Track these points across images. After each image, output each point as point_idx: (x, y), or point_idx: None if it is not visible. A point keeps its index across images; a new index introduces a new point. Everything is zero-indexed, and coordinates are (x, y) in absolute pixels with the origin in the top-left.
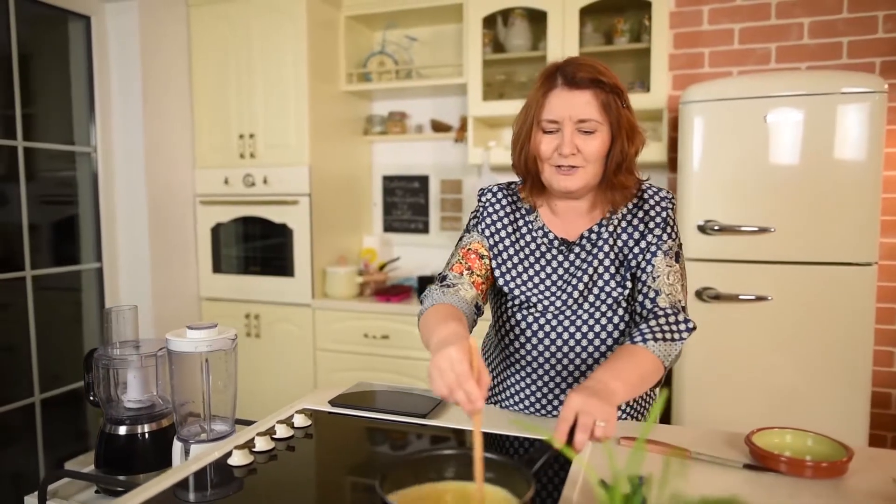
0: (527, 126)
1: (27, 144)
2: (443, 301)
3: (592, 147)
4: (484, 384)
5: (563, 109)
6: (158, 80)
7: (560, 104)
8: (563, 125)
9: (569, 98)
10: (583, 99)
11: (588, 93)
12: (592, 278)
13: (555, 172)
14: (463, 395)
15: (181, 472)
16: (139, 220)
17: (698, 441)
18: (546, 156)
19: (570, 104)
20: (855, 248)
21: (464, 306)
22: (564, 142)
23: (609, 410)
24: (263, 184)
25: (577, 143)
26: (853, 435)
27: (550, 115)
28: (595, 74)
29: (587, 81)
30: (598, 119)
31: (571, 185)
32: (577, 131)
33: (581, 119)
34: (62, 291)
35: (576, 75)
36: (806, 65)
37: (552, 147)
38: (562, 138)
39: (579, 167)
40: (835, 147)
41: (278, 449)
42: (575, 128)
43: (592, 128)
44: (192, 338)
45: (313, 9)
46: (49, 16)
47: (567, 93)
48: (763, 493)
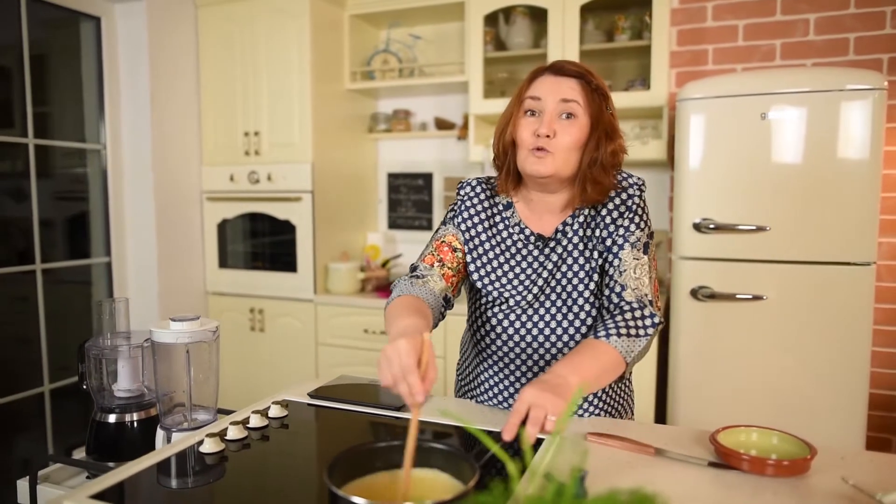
0: (508, 112)
1: (38, 142)
2: (410, 293)
3: (569, 133)
4: (429, 379)
5: (548, 88)
6: (166, 78)
7: (546, 85)
8: (545, 104)
9: (554, 81)
10: (568, 84)
11: (574, 80)
12: (562, 270)
13: (529, 155)
14: (405, 387)
15: (152, 459)
16: (147, 216)
17: (667, 439)
18: (523, 139)
19: (556, 85)
20: (853, 247)
21: (430, 298)
22: (543, 122)
23: (562, 404)
24: (268, 181)
25: (556, 128)
26: (850, 436)
27: (535, 92)
28: (582, 71)
29: (574, 72)
30: (580, 102)
31: (543, 170)
32: (558, 117)
33: (564, 98)
34: (74, 285)
35: (564, 67)
36: (811, 62)
37: (531, 130)
38: (541, 121)
39: (551, 152)
40: (833, 145)
41: (252, 438)
42: (557, 109)
43: (574, 110)
44: (174, 329)
45: (317, 9)
46: (62, 17)
47: (553, 77)
48: (726, 491)
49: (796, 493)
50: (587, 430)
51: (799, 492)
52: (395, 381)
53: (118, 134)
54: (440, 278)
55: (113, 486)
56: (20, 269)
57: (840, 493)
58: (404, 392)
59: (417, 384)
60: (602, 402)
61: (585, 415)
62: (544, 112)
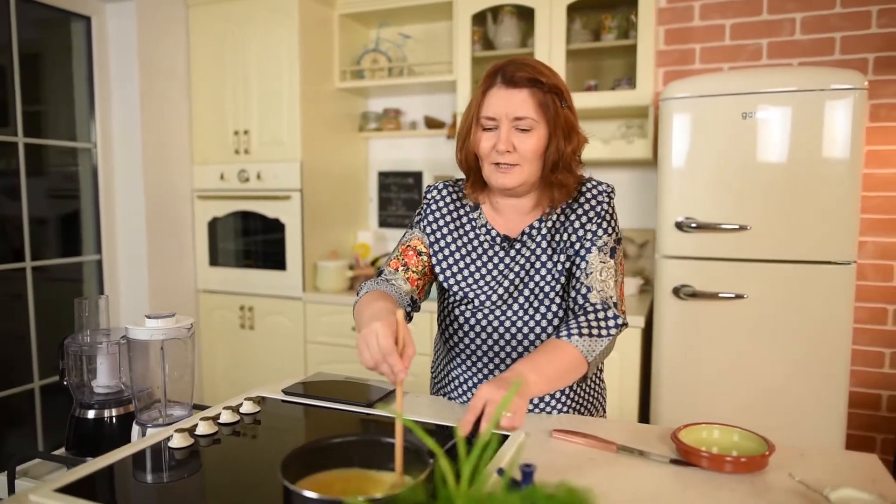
0: (468, 123)
1: (28, 140)
2: (376, 289)
3: (528, 145)
4: (407, 356)
5: (501, 107)
6: (157, 77)
7: (498, 102)
8: (500, 122)
9: (506, 96)
10: (520, 97)
11: (525, 91)
12: (530, 273)
13: (493, 170)
14: (387, 367)
15: (120, 454)
16: (137, 214)
17: (631, 436)
18: (485, 153)
19: (508, 102)
20: (834, 246)
21: (397, 294)
22: (501, 139)
23: (518, 401)
24: (257, 179)
25: (514, 142)
26: (831, 433)
27: (488, 113)
28: (534, 74)
29: (525, 81)
30: (533, 117)
31: (508, 183)
32: (514, 129)
33: (517, 116)
34: (66, 282)
35: (514, 75)
36: (798, 61)
37: (490, 144)
38: (499, 136)
39: (516, 165)
40: (814, 145)
41: (223, 433)
42: (511, 125)
43: (528, 126)
44: (149, 326)
45: (306, 8)
46: (55, 17)
47: (505, 91)
48: (685, 488)
49: (752, 489)
50: (553, 427)
51: (755, 488)
52: (377, 363)
53: (109, 132)
54: (405, 282)
55: (79, 480)
56: (10, 266)
57: (794, 490)
58: (386, 372)
59: (398, 363)
60: (571, 401)
61: (554, 412)
62: (500, 128)
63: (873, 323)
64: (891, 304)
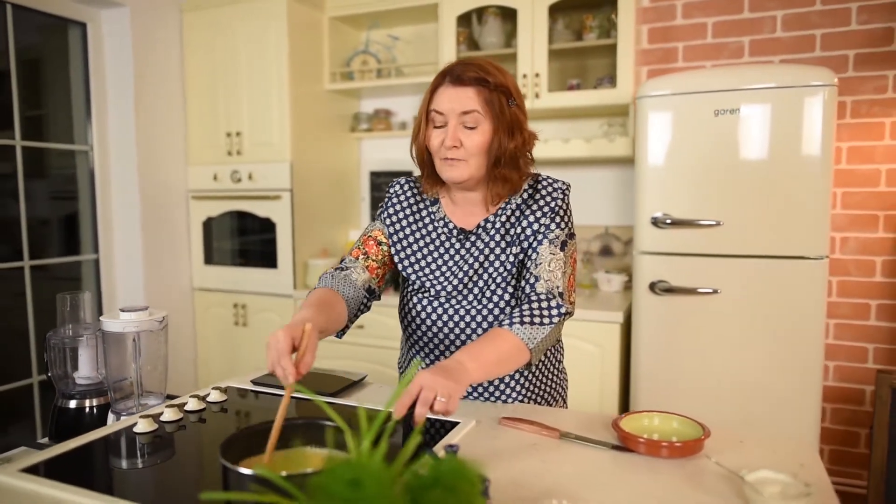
0: (419, 121)
1: (25, 143)
2: (327, 286)
3: (473, 141)
4: (303, 363)
5: (448, 103)
6: (151, 81)
7: (445, 99)
8: (448, 118)
9: (454, 93)
10: (466, 94)
11: (471, 89)
12: (483, 265)
13: (443, 164)
14: (280, 370)
15: (86, 438)
16: (133, 215)
17: (579, 424)
18: (435, 149)
19: (454, 98)
20: (806, 241)
21: (349, 290)
22: (448, 135)
23: (453, 387)
24: (249, 180)
25: (461, 137)
26: (804, 427)
27: (437, 107)
28: (480, 74)
29: (472, 80)
30: (479, 111)
31: (456, 176)
32: (462, 126)
33: (463, 111)
34: (65, 281)
35: (462, 74)
36: (779, 58)
37: (440, 140)
38: (447, 132)
39: (462, 160)
40: (785, 141)
41: (189, 420)
42: (459, 121)
43: (474, 121)
44: (123, 319)
45: (295, 12)
46: (53, 23)
47: (452, 89)
48: (623, 471)
49: (683, 471)
50: (503, 415)
51: (686, 471)
52: (273, 364)
53: (105, 135)
54: (364, 269)
55: (45, 461)
56: (9, 265)
57: (721, 473)
58: (280, 374)
59: (289, 367)
60: (527, 391)
61: (510, 401)
62: (448, 124)
63: (856, 318)
64: (873, 300)
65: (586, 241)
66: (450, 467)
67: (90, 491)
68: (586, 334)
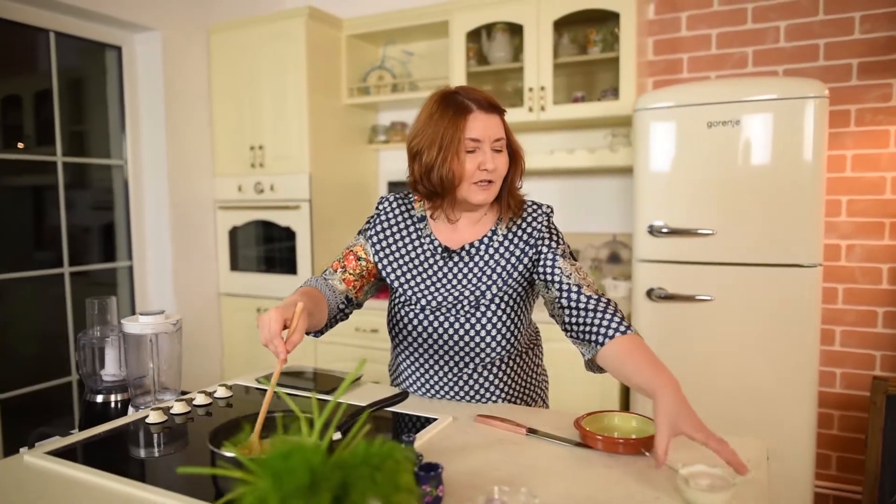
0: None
1: (66, 159)
2: (310, 285)
3: (502, 163)
4: (290, 342)
5: (484, 130)
6: (180, 99)
7: (481, 125)
8: (482, 143)
9: (486, 120)
10: (494, 121)
11: (496, 116)
12: (463, 283)
13: (476, 188)
14: (273, 347)
15: (105, 427)
16: (163, 224)
17: (548, 422)
18: (469, 173)
19: (488, 125)
20: (800, 249)
21: (329, 293)
22: (486, 158)
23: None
24: (271, 190)
25: (494, 162)
26: (801, 432)
27: (474, 135)
28: (496, 103)
29: (494, 107)
30: (504, 138)
31: (489, 198)
32: (492, 151)
33: (497, 138)
34: (104, 286)
35: (488, 101)
36: (783, 68)
37: (475, 165)
38: (483, 156)
39: (494, 182)
40: (778, 151)
41: (196, 413)
42: (491, 146)
43: (501, 147)
44: (141, 322)
45: (313, 32)
46: (92, 47)
47: (484, 115)
48: (576, 465)
49: (635, 466)
50: (479, 413)
51: (637, 466)
52: (266, 342)
53: (138, 150)
54: (340, 282)
55: (67, 446)
56: (50, 272)
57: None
58: (272, 350)
59: (280, 346)
60: (506, 392)
61: (490, 401)
62: (485, 151)
63: (863, 326)
64: (880, 307)
65: (594, 248)
66: (378, 449)
67: (99, 471)
68: None
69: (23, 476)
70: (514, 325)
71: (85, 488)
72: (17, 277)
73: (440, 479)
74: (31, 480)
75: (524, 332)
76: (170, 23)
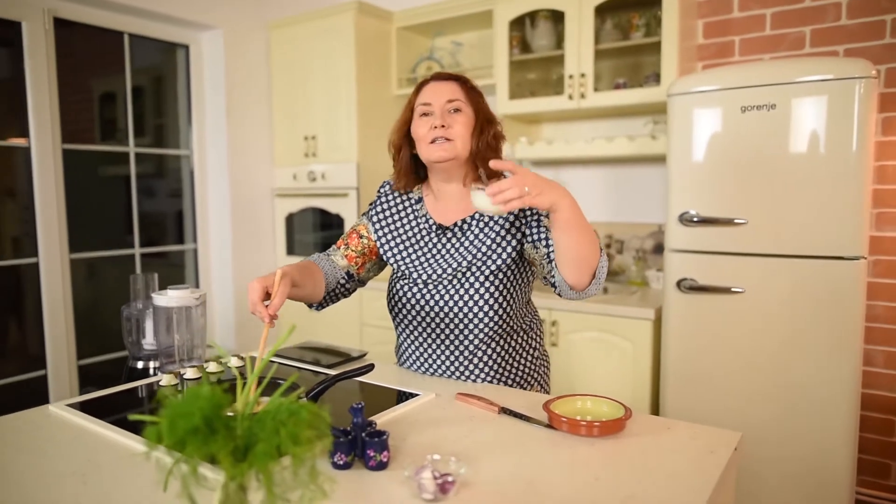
0: (404, 117)
1: (138, 150)
2: (310, 259)
3: (459, 121)
4: (272, 305)
5: (434, 95)
6: (241, 92)
7: (430, 91)
8: (434, 106)
9: (437, 87)
10: (448, 87)
11: (453, 83)
12: (456, 257)
13: (430, 147)
14: (258, 313)
15: (123, 387)
16: (224, 210)
17: (526, 404)
18: (422, 135)
19: (439, 89)
20: (842, 241)
21: (328, 267)
22: (436, 116)
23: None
24: (322, 179)
25: (447, 120)
26: (841, 437)
27: (424, 99)
28: (458, 76)
29: (452, 77)
30: (462, 100)
31: (444, 154)
32: (447, 112)
33: (449, 99)
34: (176, 267)
35: (442, 75)
36: (844, 48)
37: (428, 126)
38: (434, 117)
39: (449, 139)
40: (819, 136)
41: (208, 380)
42: (444, 108)
43: (459, 106)
44: (168, 296)
45: (363, 26)
46: (168, 47)
47: (436, 83)
48: (540, 445)
49: (594, 449)
50: (459, 391)
51: (596, 449)
52: (251, 309)
53: (203, 141)
54: (342, 258)
55: (87, 400)
56: (123, 252)
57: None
58: (258, 316)
59: (262, 311)
60: (496, 372)
61: (478, 380)
62: (435, 112)
63: (887, 322)
64: None
65: (639, 238)
66: (287, 406)
67: (102, 421)
68: (620, 330)
69: (43, 423)
70: (505, 300)
71: (88, 434)
72: (100, 257)
73: (385, 444)
74: (49, 426)
75: (516, 310)
76: (231, 21)
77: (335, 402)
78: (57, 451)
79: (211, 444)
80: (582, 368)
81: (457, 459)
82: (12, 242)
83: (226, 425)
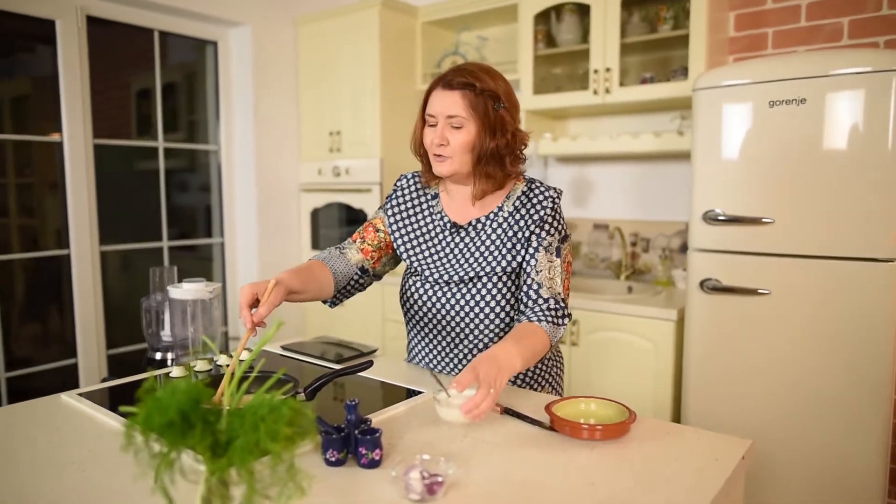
0: (417, 120)
1: (167, 145)
2: (318, 259)
3: (457, 139)
4: (257, 314)
5: (437, 106)
6: (268, 88)
7: (436, 102)
8: (437, 119)
9: (442, 97)
10: (453, 99)
11: (458, 94)
12: (468, 261)
13: (433, 160)
14: (241, 318)
15: (134, 378)
16: (251, 205)
17: (531, 405)
18: (427, 145)
19: (443, 102)
20: (875, 242)
21: (340, 265)
22: (437, 133)
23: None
24: (346, 174)
25: (448, 136)
26: (871, 446)
27: (430, 110)
28: (469, 79)
29: (460, 84)
30: (463, 116)
31: (443, 171)
32: (449, 126)
33: (450, 115)
34: (204, 260)
35: (452, 80)
36: (885, 39)
37: (430, 139)
38: (435, 132)
39: (447, 157)
40: (850, 133)
41: (219, 372)
42: (446, 122)
43: (459, 123)
44: (183, 289)
45: (388, 21)
46: (199, 44)
47: (442, 92)
48: (539, 447)
49: (594, 453)
50: None
51: (596, 453)
52: (239, 313)
53: (231, 136)
54: (358, 251)
55: (98, 390)
56: (151, 245)
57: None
58: (241, 321)
59: (247, 317)
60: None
61: None
62: (437, 124)
63: None
64: None
65: (666, 237)
66: (268, 402)
67: (108, 410)
68: (642, 330)
69: (54, 412)
70: (510, 304)
71: (95, 424)
72: (133, 249)
73: (377, 443)
74: (59, 415)
75: None
76: (259, 17)
77: (340, 398)
78: (62, 440)
79: (188, 439)
80: (602, 369)
81: (446, 460)
82: (56, 234)
83: (203, 419)
